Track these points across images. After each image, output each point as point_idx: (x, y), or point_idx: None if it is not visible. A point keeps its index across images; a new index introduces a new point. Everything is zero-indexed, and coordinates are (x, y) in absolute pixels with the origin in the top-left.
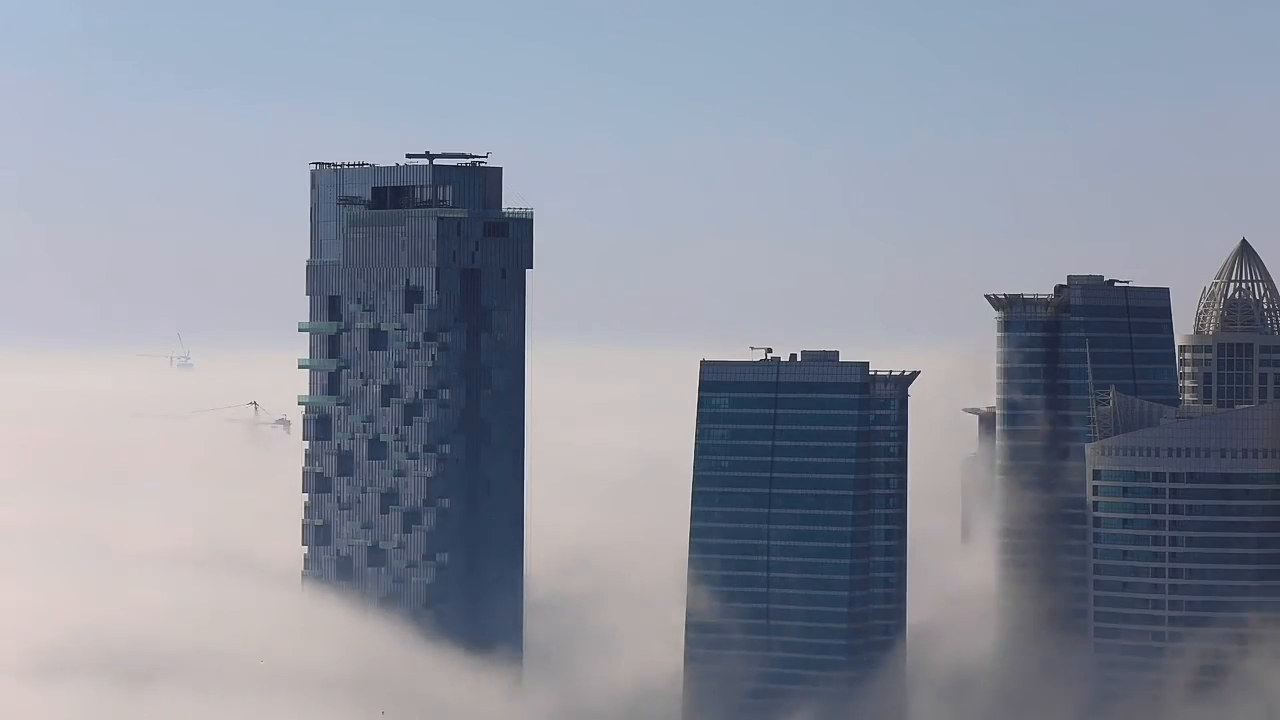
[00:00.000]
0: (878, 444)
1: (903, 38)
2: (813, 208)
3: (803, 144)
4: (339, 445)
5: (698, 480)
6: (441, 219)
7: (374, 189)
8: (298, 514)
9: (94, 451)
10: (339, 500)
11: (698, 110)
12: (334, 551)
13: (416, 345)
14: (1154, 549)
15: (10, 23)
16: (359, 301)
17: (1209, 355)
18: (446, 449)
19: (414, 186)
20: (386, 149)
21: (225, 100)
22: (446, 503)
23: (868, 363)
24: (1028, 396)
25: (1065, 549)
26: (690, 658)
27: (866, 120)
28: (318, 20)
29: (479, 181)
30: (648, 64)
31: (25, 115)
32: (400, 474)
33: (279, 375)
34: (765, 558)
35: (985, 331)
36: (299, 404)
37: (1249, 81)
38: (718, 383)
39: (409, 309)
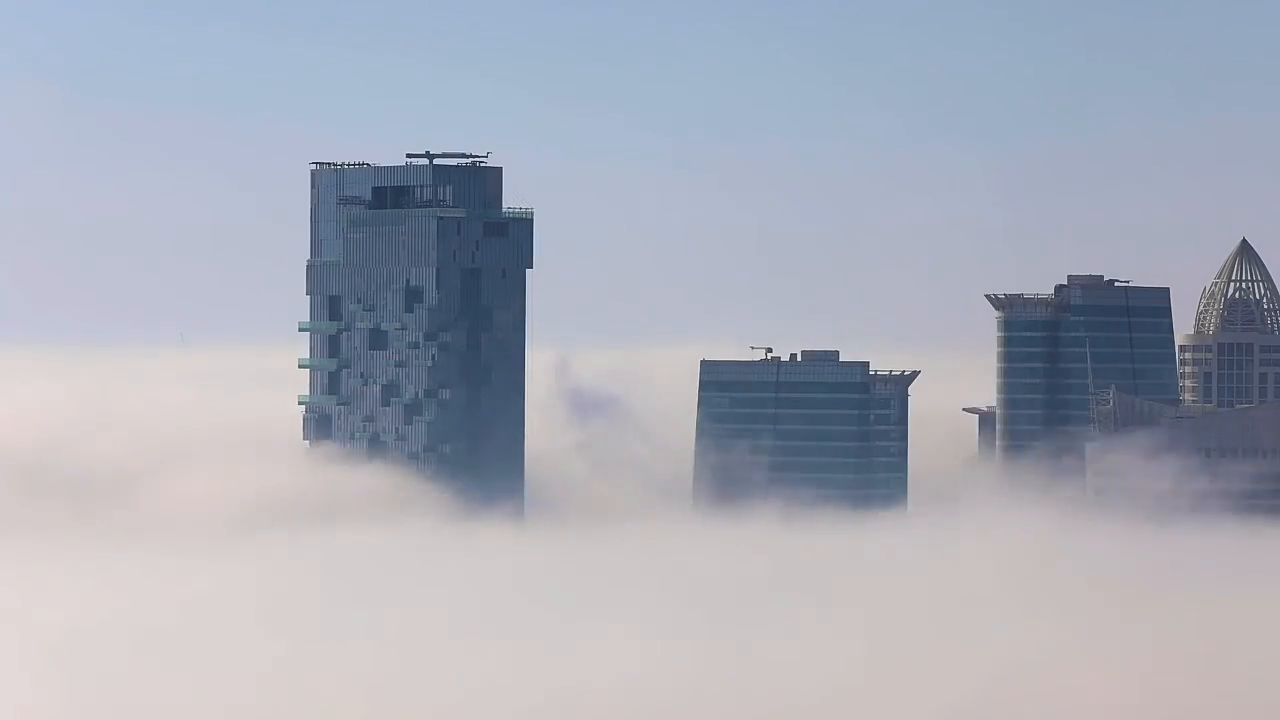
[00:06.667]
0: (878, 444)
1: (901, 38)
2: (812, 207)
3: (802, 144)
4: (339, 445)
5: (698, 480)
6: (441, 219)
7: (374, 189)
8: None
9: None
10: None
11: (697, 111)
12: None
13: (416, 345)
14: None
15: (9, 23)
16: (359, 301)
17: (1209, 355)
18: (446, 449)
19: (414, 186)
20: (386, 149)
21: (225, 100)
22: None
23: (868, 363)
24: (1028, 396)
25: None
26: None
27: (866, 120)
28: (317, 20)
29: (479, 181)
30: (647, 64)
31: (24, 115)
32: None
33: (279, 375)
34: None
35: (985, 331)
36: (299, 404)
37: (1249, 82)
38: (718, 383)
39: (409, 309)
